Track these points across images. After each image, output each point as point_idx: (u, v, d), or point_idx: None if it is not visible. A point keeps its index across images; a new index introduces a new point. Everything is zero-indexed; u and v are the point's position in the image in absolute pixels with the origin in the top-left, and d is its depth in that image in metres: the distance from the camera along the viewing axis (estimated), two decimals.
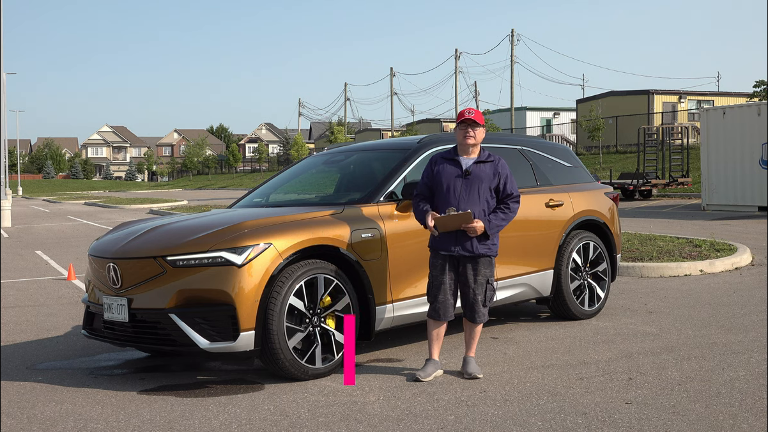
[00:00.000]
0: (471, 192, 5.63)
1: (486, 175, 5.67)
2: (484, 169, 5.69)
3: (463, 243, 5.60)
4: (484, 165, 5.71)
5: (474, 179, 5.65)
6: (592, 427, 4.51)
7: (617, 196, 8.45)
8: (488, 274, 5.70)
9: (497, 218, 5.66)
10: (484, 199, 5.66)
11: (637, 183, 28.41)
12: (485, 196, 5.66)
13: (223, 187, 71.74)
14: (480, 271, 5.66)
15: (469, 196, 5.63)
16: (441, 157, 5.81)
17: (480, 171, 5.68)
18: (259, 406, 5.09)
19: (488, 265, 5.70)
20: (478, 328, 5.78)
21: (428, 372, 5.58)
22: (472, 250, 5.61)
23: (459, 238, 5.60)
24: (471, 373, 5.61)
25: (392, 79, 69.41)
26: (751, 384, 5.24)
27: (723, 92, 52.46)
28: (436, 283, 5.68)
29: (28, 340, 7.46)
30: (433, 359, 5.68)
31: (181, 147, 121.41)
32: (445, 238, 5.61)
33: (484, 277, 5.68)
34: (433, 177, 5.75)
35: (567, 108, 61.26)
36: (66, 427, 4.81)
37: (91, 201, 46.44)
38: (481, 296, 5.68)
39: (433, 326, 5.74)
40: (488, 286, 5.71)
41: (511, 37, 53.42)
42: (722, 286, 9.44)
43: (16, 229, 24.73)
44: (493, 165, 5.72)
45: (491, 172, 5.69)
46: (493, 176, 5.69)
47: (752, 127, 20.76)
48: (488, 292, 5.72)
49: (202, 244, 5.58)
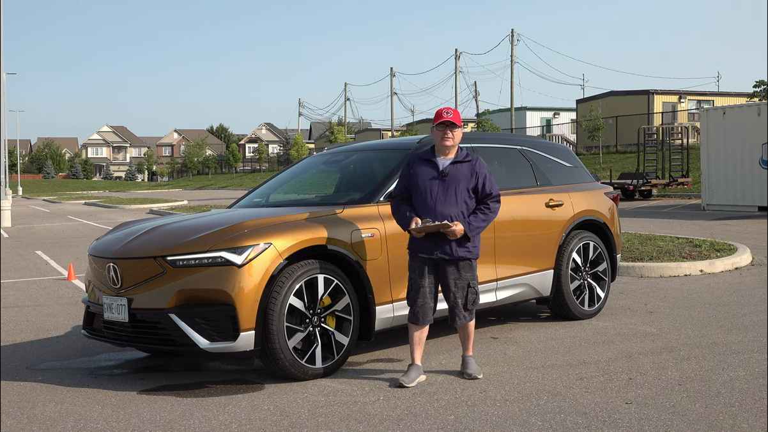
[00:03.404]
0: (448, 193, 5.52)
1: (463, 176, 5.56)
2: (461, 169, 5.58)
3: (442, 246, 5.49)
4: (461, 165, 5.60)
5: (451, 180, 5.54)
6: (592, 427, 4.51)
7: (617, 196, 8.45)
8: (469, 278, 5.58)
9: (477, 220, 5.55)
10: (462, 200, 5.54)
11: (637, 183, 28.41)
12: (463, 197, 5.55)
13: (223, 187, 71.73)
14: (461, 274, 5.55)
15: (446, 198, 5.52)
16: (418, 158, 5.72)
17: (457, 171, 5.57)
18: (259, 406, 5.09)
19: (469, 268, 5.58)
20: (470, 327, 5.70)
21: (412, 377, 5.47)
22: (452, 253, 5.50)
23: (438, 241, 5.50)
24: (471, 374, 5.59)
25: (392, 79, 69.45)
26: (751, 384, 5.24)
27: (723, 92, 52.46)
28: (416, 287, 5.58)
29: (28, 340, 7.46)
30: (415, 364, 5.57)
31: (181, 147, 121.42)
32: (425, 240, 5.52)
33: (465, 280, 5.56)
34: (410, 179, 5.66)
35: (567, 108, 61.23)
36: (66, 427, 4.82)
37: (91, 201, 46.43)
38: (461, 300, 5.57)
39: (414, 330, 5.62)
40: (470, 290, 5.58)
41: (511, 37, 53.43)
42: (722, 286, 9.44)
43: (16, 229, 24.73)
44: (471, 165, 5.61)
45: (468, 172, 5.58)
46: (470, 176, 5.58)
47: (752, 127, 20.76)
48: (470, 295, 5.59)
49: (202, 244, 5.58)
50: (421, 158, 5.70)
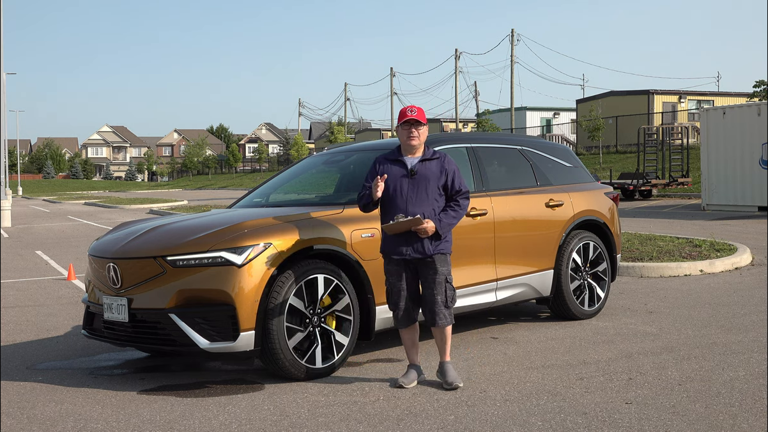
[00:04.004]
0: (419, 192, 5.43)
1: (432, 174, 5.47)
2: (430, 167, 5.49)
3: (414, 245, 5.38)
4: (429, 163, 5.51)
5: (420, 179, 5.45)
6: (592, 427, 4.51)
7: (617, 196, 8.45)
8: (445, 272, 5.45)
9: (448, 217, 5.45)
10: (433, 198, 5.45)
11: (637, 183, 28.41)
12: (433, 195, 5.45)
13: (223, 187, 71.73)
14: (437, 269, 5.41)
15: (416, 197, 5.42)
16: (384, 158, 5.62)
17: (426, 170, 5.48)
18: (259, 406, 5.09)
19: (444, 262, 5.45)
20: (447, 331, 5.49)
21: (411, 378, 5.45)
22: (425, 251, 5.38)
23: (410, 240, 5.39)
24: (450, 383, 5.36)
25: (392, 79, 69.45)
26: (751, 384, 5.24)
27: (723, 92, 52.45)
28: (395, 290, 5.49)
29: (28, 340, 7.46)
30: (414, 364, 5.54)
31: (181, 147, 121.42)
32: (396, 241, 5.41)
33: (442, 275, 5.42)
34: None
35: (567, 108, 61.23)
36: (66, 427, 4.81)
37: (91, 201, 46.43)
38: (441, 296, 5.41)
39: (405, 333, 5.56)
40: (447, 285, 5.45)
41: (511, 37, 53.42)
42: (722, 286, 9.44)
43: (16, 229, 24.73)
44: (439, 162, 5.52)
45: (437, 169, 5.49)
46: (440, 174, 5.48)
47: (752, 127, 20.76)
48: (448, 291, 5.44)
49: (202, 244, 5.58)
50: (388, 158, 5.59)
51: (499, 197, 7.08)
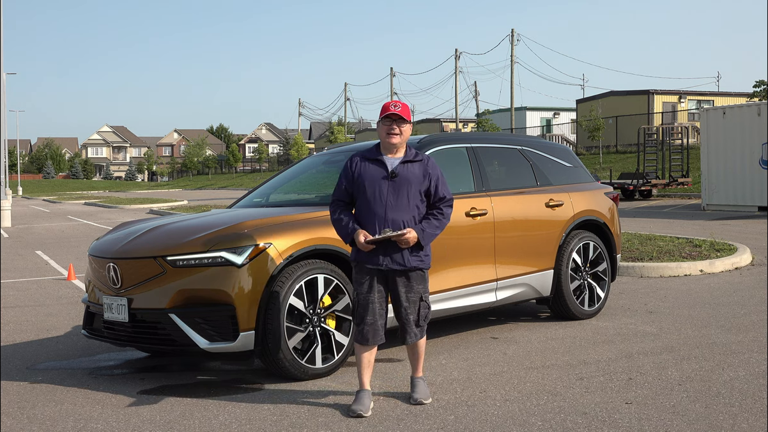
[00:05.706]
0: (399, 196, 4.92)
1: (415, 177, 4.96)
2: (412, 169, 4.98)
3: (392, 255, 4.90)
4: (412, 165, 5.00)
5: (402, 182, 4.94)
6: (592, 427, 4.51)
7: (617, 196, 8.45)
8: (421, 290, 5.01)
9: (431, 226, 4.97)
10: (414, 204, 4.96)
11: (637, 183, 28.42)
12: (415, 201, 4.96)
13: (223, 187, 71.73)
14: (412, 287, 4.98)
15: (397, 201, 4.92)
16: (362, 156, 5.07)
17: (408, 172, 4.96)
18: (259, 406, 5.09)
19: (421, 280, 5.01)
20: (421, 345, 5.11)
21: (366, 405, 4.88)
22: (404, 263, 4.92)
23: (388, 250, 4.90)
24: (418, 399, 5.03)
25: (392, 79, 69.43)
26: (751, 384, 5.24)
27: (723, 92, 52.44)
28: (363, 303, 4.95)
29: (28, 340, 7.46)
30: (365, 389, 4.98)
31: (181, 147, 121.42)
32: (373, 250, 4.92)
33: (417, 294, 4.99)
34: (354, 180, 5.02)
35: (567, 108, 61.24)
36: (66, 427, 4.81)
37: (91, 201, 46.43)
38: (413, 316, 4.99)
39: (362, 351, 4.99)
40: (422, 304, 5.02)
41: (511, 37, 53.43)
42: (722, 286, 9.44)
43: (16, 229, 24.73)
44: (423, 165, 5.02)
45: (420, 173, 4.99)
46: (422, 178, 4.98)
47: (752, 127, 20.77)
48: (422, 310, 5.02)
49: (202, 244, 5.58)
50: (366, 157, 5.06)
51: (499, 197, 7.08)
